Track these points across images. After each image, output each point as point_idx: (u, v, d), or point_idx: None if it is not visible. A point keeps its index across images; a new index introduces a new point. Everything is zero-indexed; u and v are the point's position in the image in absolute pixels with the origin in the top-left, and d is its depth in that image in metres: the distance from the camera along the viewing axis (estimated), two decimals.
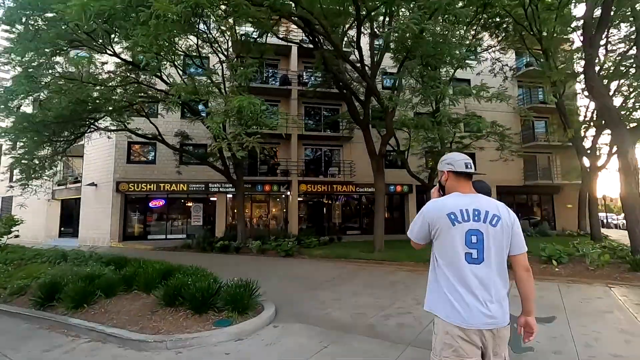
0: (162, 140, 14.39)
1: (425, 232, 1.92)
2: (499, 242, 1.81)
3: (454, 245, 1.80)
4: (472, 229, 1.80)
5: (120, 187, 18.13)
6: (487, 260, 1.78)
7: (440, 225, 1.84)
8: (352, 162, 20.29)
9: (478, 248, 1.78)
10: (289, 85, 19.46)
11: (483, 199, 1.92)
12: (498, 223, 1.82)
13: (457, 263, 1.79)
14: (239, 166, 14.80)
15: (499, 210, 1.87)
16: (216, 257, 12.76)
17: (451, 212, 1.83)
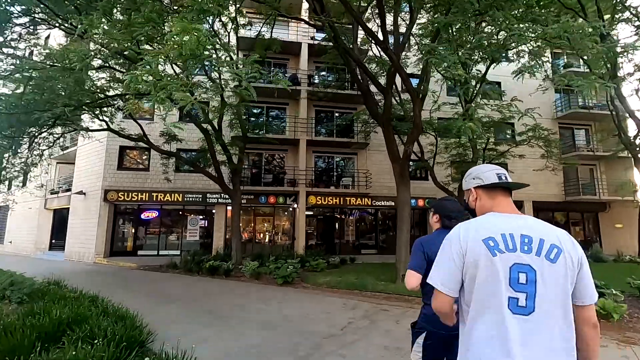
0: (148, 141, 12.04)
1: (458, 271, 1.28)
2: (559, 285, 1.21)
3: (493, 285, 1.21)
4: (520, 263, 1.22)
5: (108, 196, 15.85)
6: (539, 310, 1.18)
7: (476, 257, 1.25)
8: (367, 172, 17.55)
9: (528, 292, 1.19)
10: (298, 85, 17.05)
11: (535, 222, 1.31)
12: (558, 257, 1.23)
13: (496, 311, 1.20)
14: (236, 173, 12.28)
15: (560, 239, 1.26)
16: (199, 281, 10.13)
17: (489, 237, 1.26)
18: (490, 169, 1.47)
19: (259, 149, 17.40)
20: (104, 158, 16.28)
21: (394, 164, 9.28)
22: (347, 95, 16.82)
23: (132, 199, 16.04)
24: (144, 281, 10.17)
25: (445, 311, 1.34)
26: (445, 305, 1.33)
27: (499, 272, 1.22)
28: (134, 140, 12.42)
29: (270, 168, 17.94)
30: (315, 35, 18.02)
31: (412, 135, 8.63)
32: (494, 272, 1.23)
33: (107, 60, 9.71)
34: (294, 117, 17.24)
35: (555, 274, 1.22)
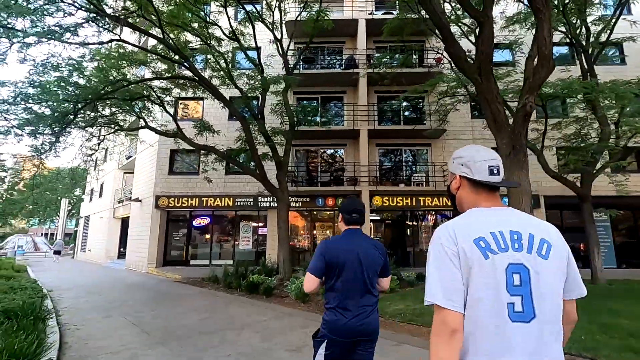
0: (182, 135, 10.13)
1: (460, 278, 1.02)
2: (554, 285, 1.04)
3: (488, 292, 1.00)
4: (514, 262, 1.02)
5: (159, 202, 14.55)
6: (539, 314, 0.99)
7: (469, 261, 1.02)
8: (445, 164, 13.85)
9: (523, 294, 1.00)
10: (356, 67, 14.17)
11: (522, 215, 1.14)
12: (549, 252, 1.06)
13: (497, 321, 0.98)
14: (281, 167, 9.75)
15: (550, 233, 1.10)
16: (232, 302, 7.64)
17: (479, 237, 1.05)
18: (484, 159, 1.17)
19: (313, 144, 14.83)
20: (155, 163, 15.12)
21: (500, 135, 5.82)
22: (414, 75, 13.48)
23: (183, 205, 14.52)
24: (168, 299, 8.04)
25: (459, 331, 0.99)
26: (458, 326, 0.98)
27: (494, 276, 1.00)
28: (169, 136, 10.67)
29: (326, 166, 15.22)
30: (374, 11, 15.11)
31: (537, 75, 5.00)
32: (490, 277, 1.00)
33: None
34: (353, 105, 14.35)
35: (548, 270, 1.04)
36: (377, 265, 2.07)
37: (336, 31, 15.05)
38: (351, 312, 1.95)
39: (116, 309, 7.12)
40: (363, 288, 2.00)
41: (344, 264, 2.00)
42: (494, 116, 5.75)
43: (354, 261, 2.00)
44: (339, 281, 2.00)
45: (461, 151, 1.25)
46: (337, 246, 2.05)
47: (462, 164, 1.21)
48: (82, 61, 8.25)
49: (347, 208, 2.15)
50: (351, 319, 1.94)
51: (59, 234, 29.43)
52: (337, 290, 2.00)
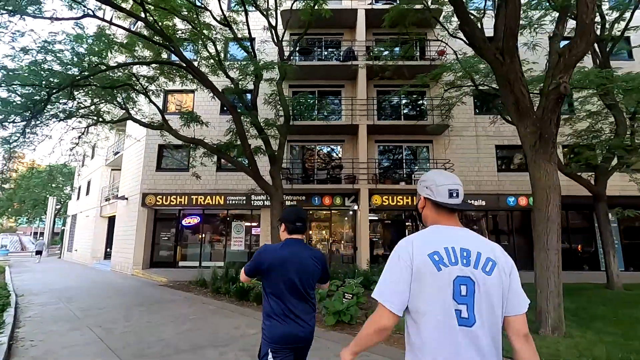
0: (167, 126, 9.23)
1: (406, 288, 1.21)
2: (494, 297, 1.19)
3: (438, 299, 1.17)
4: (462, 275, 1.19)
5: (146, 200, 13.64)
6: (479, 321, 1.16)
7: (422, 272, 1.19)
8: (448, 162, 13.13)
9: (468, 303, 1.17)
10: (355, 60, 13.39)
11: (473, 235, 1.30)
12: (493, 270, 1.21)
13: (445, 326, 1.15)
14: (275, 162, 8.93)
15: (495, 252, 1.26)
16: (217, 312, 6.79)
17: (434, 251, 1.22)
18: (444, 184, 1.33)
19: (310, 140, 14.03)
20: (142, 159, 14.21)
21: (523, 122, 5.04)
22: (416, 68, 12.72)
23: (171, 203, 13.63)
24: (148, 307, 7.17)
25: (388, 330, 1.24)
26: (388, 323, 1.22)
27: (444, 286, 1.18)
28: (155, 129, 9.79)
29: (323, 163, 14.43)
30: (375, 1, 14.35)
31: (574, 49, 4.15)
32: (441, 285, 1.18)
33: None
34: (351, 99, 13.58)
35: (490, 286, 1.19)
36: (314, 275, 2.10)
37: (334, 22, 14.28)
38: (288, 319, 1.96)
39: (88, 318, 6.25)
40: (300, 297, 2.01)
41: (281, 272, 2.00)
42: (517, 101, 4.98)
43: (292, 270, 2.00)
44: (275, 289, 2.00)
45: (426, 175, 1.40)
46: (276, 255, 2.04)
47: (426, 186, 1.36)
48: (55, 42, 7.34)
49: (290, 217, 2.14)
50: (288, 326, 1.95)
51: (47, 233, 28.29)
52: (274, 298, 2.00)
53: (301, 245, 2.12)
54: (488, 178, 13.34)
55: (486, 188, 13.23)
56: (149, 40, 7.66)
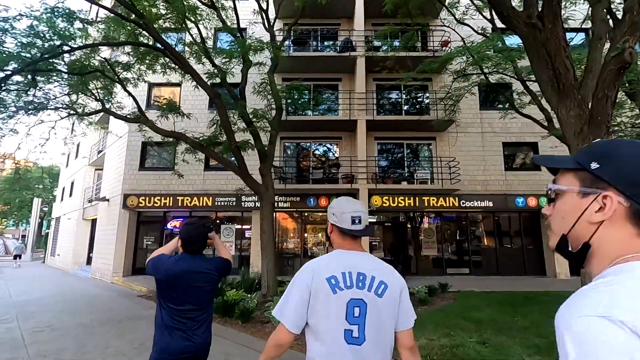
0: (144, 117, 8.11)
1: (304, 309, 1.30)
2: (384, 317, 1.31)
3: (333, 319, 1.27)
4: (355, 298, 1.30)
5: (128, 201, 12.50)
6: (368, 340, 1.27)
7: (319, 294, 1.29)
8: (453, 160, 12.14)
9: (359, 323, 1.28)
10: (353, 51, 12.39)
11: (370, 259, 1.41)
12: (385, 292, 1.33)
13: (334, 344, 1.26)
14: (265, 159, 7.86)
15: (387, 275, 1.37)
16: None
17: (332, 275, 1.32)
18: (349, 211, 1.41)
19: (305, 137, 12.98)
20: (124, 157, 13.06)
21: (565, 103, 4.04)
22: (417, 59, 11.72)
23: (155, 205, 12.49)
24: (114, 326, 6.05)
25: (284, 345, 1.31)
26: (286, 341, 1.30)
27: (338, 308, 1.27)
28: (131, 122, 8.68)
29: (319, 161, 13.39)
30: None
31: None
32: (334, 307, 1.27)
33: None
34: (349, 92, 12.56)
35: (381, 307, 1.30)
36: (210, 284, 2.08)
37: (330, 11, 13.27)
38: (176, 331, 1.93)
39: (34, 345, 5.12)
40: (190, 310, 1.98)
41: (173, 285, 1.96)
42: (558, 76, 3.98)
43: (184, 284, 1.97)
44: (166, 300, 1.97)
45: (334, 202, 1.48)
46: (169, 268, 1.99)
47: (333, 213, 1.44)
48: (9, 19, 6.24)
49: (185, 238, 2.11)
50: (176, 338, 1.93)
51: (31, 236, 26.93)
52: (165, 309, 1.97)
53: (196, 259, 2.07)
54: (495, 177, 12.38)
55: (493, 188, 12.26)
56: (115, 14, 6.58)
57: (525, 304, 7.25)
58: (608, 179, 0.61)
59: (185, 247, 2.10)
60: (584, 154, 0.65)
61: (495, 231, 12.79)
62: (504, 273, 12.12)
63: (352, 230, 1.39)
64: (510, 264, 12.34)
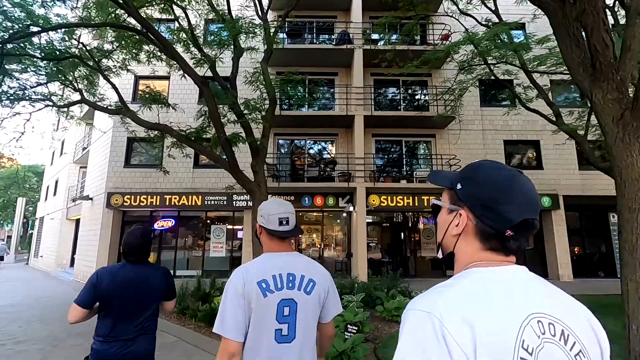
0: (125, 106, 7.40)
1: (242, 315, 1.30)
2: (312, 313, 1.39)
3: (264, 322, 1.30)
4: (286, 298, 1.34)
5: (112, 200, 11.73)
6: (298, 337, 1.33)
7: (251, 298, 1.30)
8: (454, 157, 11.62)
9: (289, 322, 1.33)
10: (350, 43, 11.81)
11: (299, 259, 1.46)
12: (313, 290, 1.39)
13: (267, 344, 1.29)
14: (258, 154, 7.21)
15: (316, 273, 1.44)
16: (178, 346, 5.04)
17: (262, 279, 1.34)
18: (276, 213, 1.42)
19: (299, 133, 12.37)
20: (109, 154, 12.30)
21: (602, 85, 3.50)
22: (417, 53, 11.19)
23: (141, 204, 11.75)
24: (83, 338, 5.35)
25: (237, 355, 1.28)
26: (236, 350, 1.28)
27: (269, 310, 1.31)
28: (112, 113, 7.95)
29: (315, 159, 12.77)
30: None
31: None
32: (265, 310, 1.30)
33: None
34: (346, 87, 11.98)
35: (309, 304, 1.37)
36: (152, 296, 2.01)
37: (327, 3, 12.74)
38: (117, 341, 1.90)
39: None
40: (133, 319, 1.94)
41: (116, 294, 1.91)
42: (594, 53, 3.44)
43: (127, 292, 1.92)
44: (108, 310, 1.92)
45: (262, 205, 1.49)
46: (113, 277, 1.94)
47: (261, 215, 1.45)
48: None
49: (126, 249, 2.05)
50: (119, 348, 1.89)
51: (14, 236, 25.84)
52: (106, 319, 1.93)
53: (140, 268, 2.00)
54: None
55: None
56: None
57: None
58: (463, 198, 0.72)
59: (127, 257, 2.03)
60: (458, 174, 0.76)
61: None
62: None
63: (279, 231, 1.41)
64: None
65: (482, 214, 0.68)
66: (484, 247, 0.68)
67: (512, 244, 0.67)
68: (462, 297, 0.61)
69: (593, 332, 0.64)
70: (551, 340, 0.59)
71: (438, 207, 0.78)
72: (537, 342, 0.58)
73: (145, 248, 2.05)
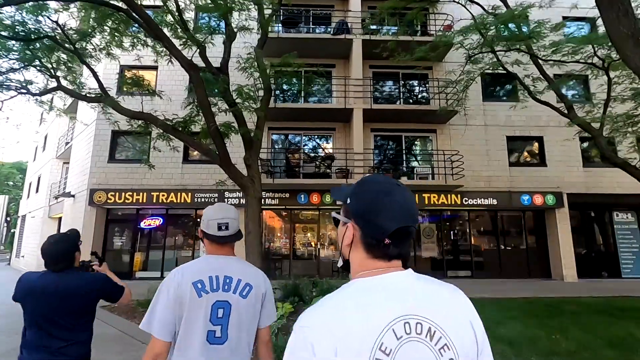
0: (105, 94, 6.70)
1: (173, 316, 1.29)
2: (247, 317, 1.38)
3: (196, 322, 1.29)
4: (220, 300, 1.34)
5: (95, 197, 10.96)
6: (230, 339, 1.33)
7: (185, 298, 1.30)
8: (456, 154, 11.11)
9: (223, 324, 1.33)
10: (348, 33, 11.22)
11: (237, 263, 1.47)
12: (249, 294, 1.39)
13: (197, 345, 1.28)
14: (251, 147, 6.58)
15: (252, 277, 1.44)
16: None
17: (198, 279, 1.34)
18: (215, 218, 1.42)
19: (295, 127, 11.74)
20: (92, 148, 11.51)
21: None
22: (420, 44, 10.65)
23: (127, 201, 11.00)
24: None
25: (163, 355, 1.28)
26: (162, 350, 1.28)
27: (202, 311, 1.30)
28: (92, 101, 7.23)
29: (309, 156, 12.16)
30: None
31: None
32: (198, 311, 1.29)
33: None
34: (344, 79, 11.38)
35: (245, 307, 1.37)
36: (79, 299, 1.84)
37: None
38: (40, 351, 1.78)
39: None
40: (59, 326, 1.81)
41: (37, 302, 1.78)
42: None
43: (48, 301, 1.78)
44: (31, 319, 1.80)
45: (205, 209, 1.48)
46: (32, 285, 1.81)
47: (203, 220, 1.45)
48: None
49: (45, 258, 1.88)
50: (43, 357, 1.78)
51: None
52: (30, 329, 1.82)
53: (62, 274, 1.84)
54: (499, 173, 11.44)
55: (497, 185, 11.31)
56: None
57: (551, 315, 6.23)
58: (351, 212, 0.79)
59: (47, 265, 1.88)
60: (351, 190, 0.82)
61: (499, 231, 11.85)
62: (507, 276, 11.19)
63: (216, 236, 1.42)
64: (514, 266, 11.43)
65: (363, 226, 0.76)
66: (368, 255, 0.76)
67: (392, 250, 0.74)
68: (333, 309, 0.68)
69: (472, 329, 0.72)
70: (416, 338, 0.66)
71: (337, 219, 0.84)
72: (396, 343, 0.65)
73: (63, 255, 1.85)
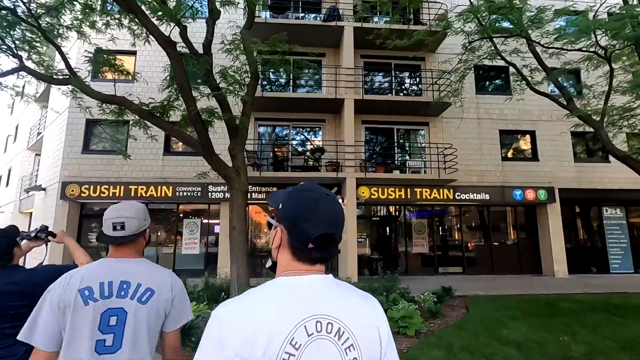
0: (73, 75, 6.01)
1: (55, 325, 1.17)
2: (146, 324, 1.24)
3: (81, 331, 1.16)
4: (113, 307, 1.21)
5: (67, 191, 10.17)
6: (125, 347, 1.20)
7: (69, 307, 1.17)
8: (449, 147, 10.78)
9: (115, 332, 1.20)
10: (340, 20, 10.71)
11: (139, 266, 1.32)
12: (150, 299, 1.26)
13: (84, 355, 1.15)
14: (237, 134, 6.02)
15: (156, 282, 1.29)
16: None
17: (86, 286, 1.21)
18: (110, 217, 1.31)
19: (283, 118, 11.18)
20: (64, 138, 10.68)
21: None
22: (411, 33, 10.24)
23: (102, 195, 10.25)
24: None
25: None
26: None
27: (89, 319, 1.18)
28: (58, 83, 6.51)
29: (300, 146, 11.64)
30: None
31: None
32: (83, 319, 1.17)
33: None
34: (335, 68, 10.87)
35: (144, 314, 1.24)
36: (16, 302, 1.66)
37: None
38: None
39: None
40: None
41: None
42: None
43: None
44: None
45: (106, 211, 1.34)
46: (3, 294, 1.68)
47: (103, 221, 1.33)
48: None
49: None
50: None
51: None
52: None
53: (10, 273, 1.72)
54: (492, 168, 11.20)
55: (489, 179, 11.07)
56: None
57: (551, 314, 5.95)
58: (281, 217, 0.83)
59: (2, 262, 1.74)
60: (283, 197, 0.85)
61: (490, 226, 11.64)
62: (499, 272, 11.02)
63: (111, 237, 1.30)
64: (505, 262, 11.25)
65: (291, 230, 0.81)
66: (294, 257, 0.81)
67: (314, 255, 0.80)
68: (248, 302, 0.74)
69: (378, 333, 0.79)
70: (326, 337, 0.73)
71: (271, 223, 0.88)
72: (306, 339, 0.71)
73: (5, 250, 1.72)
